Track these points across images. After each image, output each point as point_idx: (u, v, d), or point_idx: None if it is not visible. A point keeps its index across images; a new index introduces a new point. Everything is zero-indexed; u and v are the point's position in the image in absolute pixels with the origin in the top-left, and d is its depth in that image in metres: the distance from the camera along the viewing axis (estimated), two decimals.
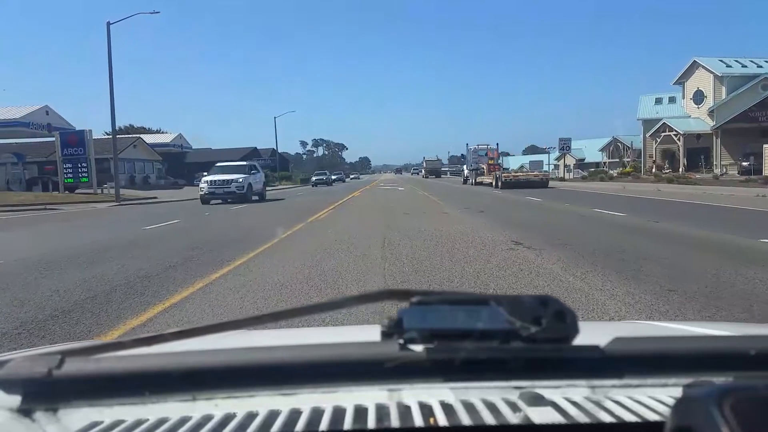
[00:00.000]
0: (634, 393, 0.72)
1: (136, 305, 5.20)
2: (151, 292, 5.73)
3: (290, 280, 6.16)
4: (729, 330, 1.46)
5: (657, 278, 5.72)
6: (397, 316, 0.66)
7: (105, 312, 4.99)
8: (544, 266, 6.57)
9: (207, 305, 5.13)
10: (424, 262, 7.14)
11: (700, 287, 5.28)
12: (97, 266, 7.47)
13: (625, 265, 6.48)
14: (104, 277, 6.61)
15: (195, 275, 6.57)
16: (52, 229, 14.72)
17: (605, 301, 4.86)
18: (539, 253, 7.50)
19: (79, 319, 4.75)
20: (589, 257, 7.11)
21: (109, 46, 30.70)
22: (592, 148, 71.36)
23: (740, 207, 15.41)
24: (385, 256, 7.68)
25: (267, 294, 5.50)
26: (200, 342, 0.79)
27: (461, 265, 6.83)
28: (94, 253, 8.80)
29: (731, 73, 41.90)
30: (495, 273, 6.26)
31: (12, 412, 0.69)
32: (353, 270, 6.66)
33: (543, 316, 0.64)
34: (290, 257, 7.74)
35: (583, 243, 8.44)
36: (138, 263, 7.62)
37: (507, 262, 6.91)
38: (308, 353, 0.71)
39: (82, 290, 5.88)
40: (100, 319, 4.77)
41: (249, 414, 0.68)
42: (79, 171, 36.40)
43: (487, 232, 10.26)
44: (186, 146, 69.89)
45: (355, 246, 8.64)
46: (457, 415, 0.66)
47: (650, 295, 4.96)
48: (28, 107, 43.22)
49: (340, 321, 3.93)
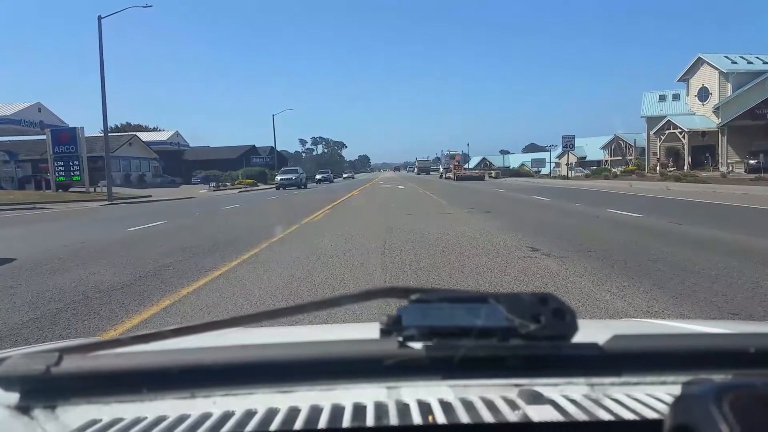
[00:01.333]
0: (632, 391, 0.72)
1: (84, 330, 4.29)
2: (107, 312, 4.82)
3: (274, 296, 5.25)
4: (728, 328, 1.44)
5: (708, 296, 4.83)
6: (396, 314, 0.64)
7: (42, 341, 4.06)
8: (571, 279, 5.65)
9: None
10: (431, 273, 6.23)
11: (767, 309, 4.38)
12: (59, 276, 6.56)
13: (665, 278, 5.57)
14: (60, 291, 5.70)
15: (164, 289, 5.65)
16: (29, 231, 13.78)
17: None
18: (562, 262, 6.58)
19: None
20: (619, 268, 6.20)
21: (101, 40, 29.82)
22: (594, 146, 70.65)
23: (761, 207, 14.50)
24: (386, 265, 6.76)
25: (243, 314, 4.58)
26: (198, 339, 0.78)
27: (474, 277, 5.91)
28: (61, 259, 7.88)
29: (737, 69, 41.10)
30: (515, 288, 5.34)
31: (10, 409, 0.68)
32: (349, 283, 5.75)
33: (542, 314, 0.63)
34: (277, 266, 6.82)
35: (608, 249, 7.52)
36: (106, 272, 6.70)
37: (527, 274, 5.99)
38: (307, 351, 0.71)
39: (27, 309, 4.97)
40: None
41: (247, 412, 0.67)
42: (71, 169, 35.51)
43: (499, 235, 9.33)
44: (183, 144, 68.94)
45: (352, 253, 7.73)
46: (456, 413, 0.65)
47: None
48: (20, 104, 42.14)
49: (339, 319, 3.77)
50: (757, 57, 42.79)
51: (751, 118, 37.53)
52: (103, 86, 30.03)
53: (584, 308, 4.49)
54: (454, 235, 9.43)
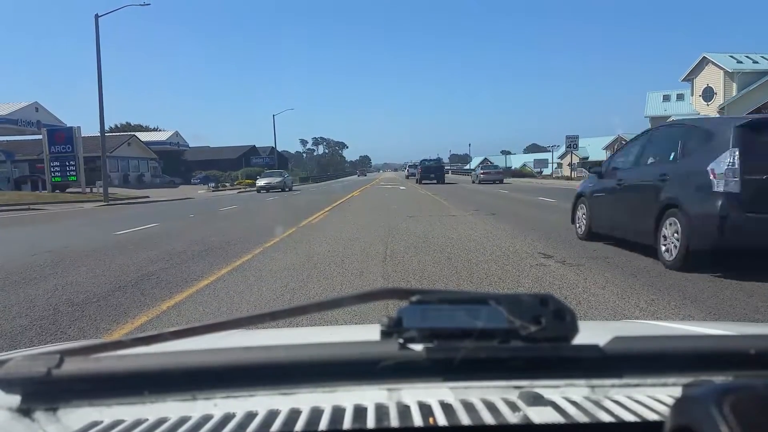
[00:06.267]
0: (633, 392, 0.72)
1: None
2: (75, 330, 4.29)
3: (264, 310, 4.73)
4: (729, 329, 1.42)
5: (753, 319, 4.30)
6: (397, 315, 0.64)
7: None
8: (593, 291, 5.11)
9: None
10: (437, 283, 5.70)
11: None
12: (32, 286, 6.03)
13: (698, 290, 5.05)
14: (30, 304, 5.18)
15: (144, 303, 5.12)
16: (16, 234, 13.25)
17: None
18: (579, 271, 6.05)
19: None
20: (643, 277, 5.67)
21: (98, 38, 29.23)
22: (596, 147, 70.20)
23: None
24: (388, 273, 6.23)
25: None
26: (199, 341, 0.78)
27: (484, 288, 5.38)
28: (41, 266, 7.35)
29: (742, 69, 40.53)
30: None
31: (11, 411, 0.68)
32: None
33: (543, 315, 0.63)
34: (269, 275, 6.29)
35: (625, 256, 6.99)
36: (84, 282, 6.18)
37: (542, 284, 5.45)
38: (307, 352, 0.69)
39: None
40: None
41: (248, 414, 0.68)
42: (67, 169, 35.00)
43: (507, 240, 8.79)
44: (183, 144, 68.38)
45: (351, 260, 7.19)
46: (457, 415, 0.65)
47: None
48: (17, 104, 41.62)
49: (340, 320, 3.75)
50: (763, 56, 42.18)
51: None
52: (100, 85, 29.48)
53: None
54: (460, 240, 8.88)
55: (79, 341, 1.58)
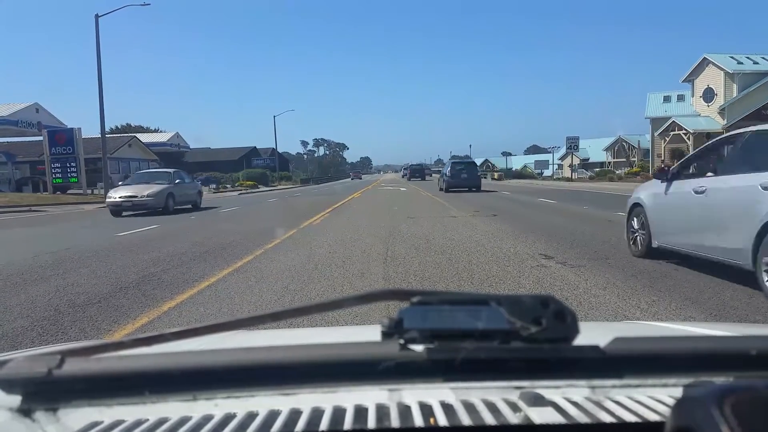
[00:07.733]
0: (634, 393, 0.72)
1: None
2: (76, 331, 4.30)
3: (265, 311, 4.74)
4: (729, 330, 1.42)
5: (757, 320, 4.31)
6: (398, 316, 0.64)
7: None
8: (593, 292, 5.12)
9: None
10: (438, 284, 5.71)
11: None
12: (33, 287, 6.04)
13: (699, 292, 5.05)
14: (32, 305, 5.19)
15: (145, 303, 5.14)
16: (16, 235, 13.26)
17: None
18: (579, 272, 6.05)
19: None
20: (645, 279, 5.67)
21: (98, 39, 29.29)
22: (596, 148, 70.24)
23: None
24: (389, 275, 6.23)
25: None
26: (200, 342, 0.79)
27: (485, 290, 5.39)
28: (42, 267, 7.36)
29: (742, 70, 40.51)
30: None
31: (12, 411, 0.68)
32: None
33: (543, 316, 0.63)
34: (272, 275, 6.30)
35: (626, 257, 7.00)
36: (85, 283, 6.18)
37: (542, 285, 5.46)
38: (308, 353, 0.70)
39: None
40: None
41: (249, 414, 0.67)
42: (68, 171, 35.01)
43: (508, 241, 8.80)
44: (183, 146, 68.32)
45: (352, 261, 7.19)
46: (458, 415, 0.65)
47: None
48: (17, 104, 41.59)
49: (341, 321, 3.79)
50: (763, 57, 42.16)
51: (757, 119, 36.87)
52: (101, 86, 29.53)
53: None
54: (461, 241, 8.89)
55: (80, 342, 1.65)
